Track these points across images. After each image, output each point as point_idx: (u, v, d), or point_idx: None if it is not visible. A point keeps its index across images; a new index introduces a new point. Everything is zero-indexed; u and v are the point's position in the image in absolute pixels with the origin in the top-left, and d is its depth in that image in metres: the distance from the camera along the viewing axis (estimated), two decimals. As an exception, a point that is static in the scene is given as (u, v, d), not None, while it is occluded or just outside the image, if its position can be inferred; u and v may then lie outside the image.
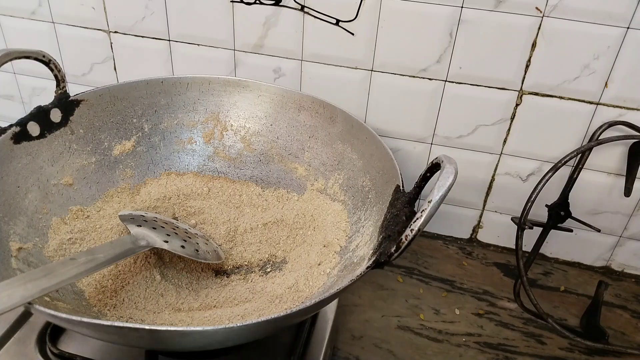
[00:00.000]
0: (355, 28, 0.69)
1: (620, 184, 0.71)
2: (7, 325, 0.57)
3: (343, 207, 0.63)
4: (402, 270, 0.77)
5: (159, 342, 0.43)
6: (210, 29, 0.75)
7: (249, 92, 0.70)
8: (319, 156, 0.67)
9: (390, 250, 0.44)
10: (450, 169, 0.41)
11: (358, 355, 0.64)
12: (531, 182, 0.74)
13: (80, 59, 0.83)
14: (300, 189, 0.68)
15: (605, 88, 0.65)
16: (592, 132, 0.68)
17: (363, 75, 0.72)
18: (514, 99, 0.69)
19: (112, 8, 0.77)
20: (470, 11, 0.65)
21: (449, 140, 0.74)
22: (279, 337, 0.58)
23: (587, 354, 0.66)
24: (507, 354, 0.65)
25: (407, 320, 0.69)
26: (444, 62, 0.69)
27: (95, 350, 0.55)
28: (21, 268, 0.50)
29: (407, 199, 0.49)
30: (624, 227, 0.75)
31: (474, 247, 0.82)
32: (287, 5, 0.70)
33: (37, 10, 0.80)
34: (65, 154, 0.63)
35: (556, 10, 0.62)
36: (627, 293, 0.76)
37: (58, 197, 0.61)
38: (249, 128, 0.71)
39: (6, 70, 0.87)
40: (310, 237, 0.63)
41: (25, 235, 0.54)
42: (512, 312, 0.71)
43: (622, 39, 0.62)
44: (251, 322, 0.40)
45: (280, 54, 0.74)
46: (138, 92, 0.68)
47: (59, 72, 0.61)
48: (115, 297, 0.54)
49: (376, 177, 0.59)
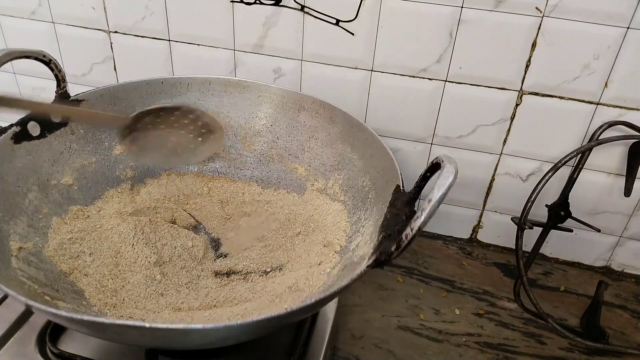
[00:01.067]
0: (355, 28, 0.69)
1: (620, 184, 0.71)
2: (7, 325, 0.57)
3: (343, 207, 0.63)
4: (402, 270, 0.77)
5: (160, 341, 0.43)
6: (210, 29, 0.75)
7: (249, 93, 0.70)
8: (319, 156, 0.67)
9: (390, 249, 0.44)
10: (450, 169, 0.41)
11: (358, 355, 0.64)
12: (531, 182, 0.74)
13: (80, 59, 0.83)
14: (300, 189, 0.68)
15: (605, 88, 0.66)
16: (592, 132, 0.68)
17: (363, 75, 0.73)
18: (514, 99, 0.69)
19: (112, 8, 0.77)
20: (470, 11, 0.65)
21: (449, 140, 0.74)
22: (279, 337, 0.58)
23: (587, 354, 0.66)
24: (507, 354, 0.65)
25: (407, 320, 0.69)
26: (444, 62, 0.69)
27: (95, 350, 0.55)
28: (21, 267, 0.50)
29: (407, 198, 0.49)
30: (624, 227, 0.75)
31: (474, 247, 0.82)
32: (287, 5, 0.70)
33: (37, 10, 0.80)
34: (66, 154, 0.63)
35: (556, 10, 0.62)
36: (627, 293, 0.76)
37: (58, 197, 0.61)
38: (249, 128, 0.71)
39: (6, 70, 0.87)
40: (310, 237, 0.63)
41: (25, 235, 0.54)
42: (512, 312, 0.71)
43: (622, 39, 0.62)
44: (251, 321, 0.40)
45: (280, 54, 0.74)
46: (138, 92, 0.68)
47: (59, 72, 0.61)
48: (115, 296, 0.54)
49: (376, 177, 0.59)
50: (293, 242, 0.63)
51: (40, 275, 0.52)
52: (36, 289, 0.49)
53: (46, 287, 0.51)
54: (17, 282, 0.48)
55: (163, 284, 0.57)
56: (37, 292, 0.49)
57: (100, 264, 0.57)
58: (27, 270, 0.51)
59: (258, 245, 0.64)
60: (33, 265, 0.52)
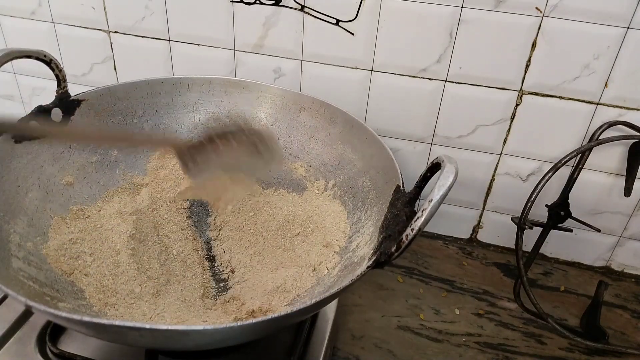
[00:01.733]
0: (355, 28, 0.69)
1: (620, 184, 0.71)
2: (7, 325, 0.57)
3: (343, 207, 0.63)
4: (402, 270, 0.77)
5: (159, 341, 0.43)
6: (210, 29, 0.75)
7: (250, 93, 0.70)
8: (320, 157, 0.67)
9: (390, 250, 0.44)
10: (450, 169, 0.41)
11: (358, 355, 0.64)
12: (531, 182, 0.74)
13: (80, 59, 0.83)
14: (300, 189, 0.68)
15: (605, 88, 0.65)
16: (592, 132, 0.68)
17: (363, 75, 0.73)
18: (514, 99, 0.69)
19: (112, 8, 0.77)
20: (470, 11, 0.65)
21: (449, 140, 0.74)
22: (279, 337, 0.58)
23: (587, 354, 0.66)
24: (507, 354, 0.65)
25: (407, 320, 0.69)
26: (444, 62, 0.69)
27: (95, 350, 0.55)
28: (21, 267, 0.50)
29: (407, 199, 0.49)
30: (624, 227, 0.75)
31: (474, 247, 0.82)
32: (287, 5, 0.70)
33: (37, 10, 0.80)
34: (66, 154, 0.63)
35: (556, 10, 0.62)
36: (627, 293, 0.76)
37: (58, 196, 0.61)
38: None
39: (6, 70, 0.87)
40: (310, 237, 0.63)
41: (25, 235, 0.54)
42: (512, 312, 0.71)
43: (622, 39, 0.62)
44: (251, 322, 0.40)
45: (280, 54, 0.74)
46: (139, 92, 0.68)
47: (60, 71, 0.61)
48: (115, 296, 0.54)
49: (376, 177, 0.59)
50: (293, 242, 0.63)
51: (40, 275, 0.52)
52: (36, 289, 0.49)
53: (46, 287, 0.51)
54: (17, 282, 0.48)
55: (163, 283, 0.57)
56: (37, 292, 0.49)
57: (100, 264, 0.57)
58: (27, 270, 0.51)
59: (258, 245, 0.63)
60: (33, 265, 0.52)
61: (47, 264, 0.54)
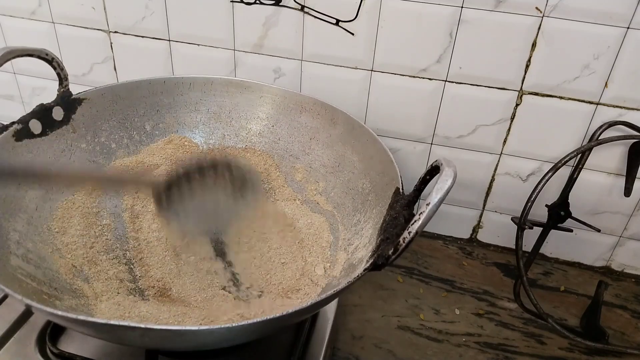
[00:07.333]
0: (355, 28, 0.69)
1: (620, 184, 0.71)
2: (7, 325, 0.57)
3: (343, 208, 0.63)
4: (402, 270, 0.77)
5: (157, 341, 0.43)
6: (210, 29, 0.75)
7: (251, 93, 0.70)
8: (320, 158, 0.67)
9: (388, 252, 0.44)
10: (449, 172, 0.41)
11: (358, 355, 0.64)
12: (531, 182, 0.74)
13: (80, 59, 0.83)
14: (300, 189, 0.68)
15: (605, 88, 0.65)
16: (592, 132, 0.68)
17: (363, 75, 0.73)
18: (514, 99, 0.69)
19: (112, 8, 0.77)
20: (470, 11, 0.65)
21: (449, 140, 0.74)
22: (279, 337, 0.58)
23: (587, 354, 0.66)
24: (507, 354, 0.65)
25: (407, 320, 0.69)
26: (444, 62, 0.69)
27: (95, 350, 0.55)
28: (20, 265, 0.50)
29: (406, 201, 0.49)
30: (624, 227, 0.75)
31: (474, 247, 0.82)
32: (287, 5, 0.70)
33: (37, 10, 0.80)
34: (67, 152, 0.63)
35: (556, 10, 0.62)
36: (627, 293, 0.76)
37: (58, 195, 0.61)
38: (250, 129, 0.71)
39: (6, 70, 0.87)
40: (308, 237, 0.63)
41: (25, 233, 0.54)
42: (512, 312, 0.71)
43: (622, 39, 0.62)
44: (249, 322, 0.40)
45: (280, 54, 0.74)
46: (140, 91, 0.68)
47: (61, 70, 0.61)
48: (116, 297, 0.55)
49: (376, 179, 0.59)
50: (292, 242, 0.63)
51: (39, 273, 0.52)
52: (35, 287, 0.49)
53: (45, 285, 0.51)
54: (16, 280, 0.48)
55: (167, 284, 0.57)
56: (36, 291, 0.49)
57: (100, 263, 0.57)
58: (26, 267, 0.51)
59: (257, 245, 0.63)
60: (32, 263, 0.52)
61: (46, 262, 0.54)
